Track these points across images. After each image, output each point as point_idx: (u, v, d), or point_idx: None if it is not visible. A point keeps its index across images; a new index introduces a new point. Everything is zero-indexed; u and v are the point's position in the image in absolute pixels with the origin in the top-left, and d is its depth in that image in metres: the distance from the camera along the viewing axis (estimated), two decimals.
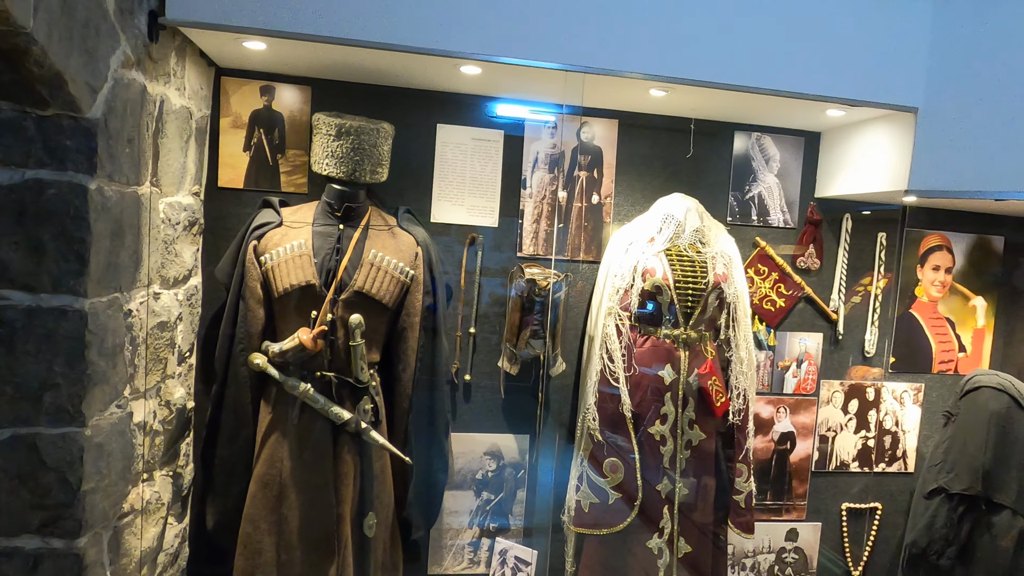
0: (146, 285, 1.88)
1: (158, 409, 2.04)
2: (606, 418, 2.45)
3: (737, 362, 2.54)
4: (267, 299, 2.22)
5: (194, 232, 2.29)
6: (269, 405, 2.21)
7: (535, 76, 2.19)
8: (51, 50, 1.31)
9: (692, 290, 2.43)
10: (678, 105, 2.54)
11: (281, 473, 2.16)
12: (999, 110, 2.15)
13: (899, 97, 2.26)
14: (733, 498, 2.55)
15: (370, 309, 2.19)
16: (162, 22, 1.81)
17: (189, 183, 2.21)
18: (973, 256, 3.00)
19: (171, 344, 2.10)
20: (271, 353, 2.16)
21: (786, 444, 2.91)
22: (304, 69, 2.36)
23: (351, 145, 2.16)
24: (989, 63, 2.16)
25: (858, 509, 3.01)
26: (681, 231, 2.48)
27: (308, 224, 2.24)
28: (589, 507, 2.45)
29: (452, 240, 2.59)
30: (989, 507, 2.59)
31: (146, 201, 1.84)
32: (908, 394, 3.01)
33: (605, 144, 2.67)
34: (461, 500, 2.65)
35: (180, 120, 2.07)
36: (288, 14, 1.90)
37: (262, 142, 2.44)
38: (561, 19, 2.04)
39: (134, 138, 1.73)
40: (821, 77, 2.21)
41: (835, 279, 2.89)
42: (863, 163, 2.56)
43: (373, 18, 1.95)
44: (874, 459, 3.00)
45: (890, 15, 2.23)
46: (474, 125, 2.57)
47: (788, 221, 2.84)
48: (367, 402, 2.22)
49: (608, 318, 2.46)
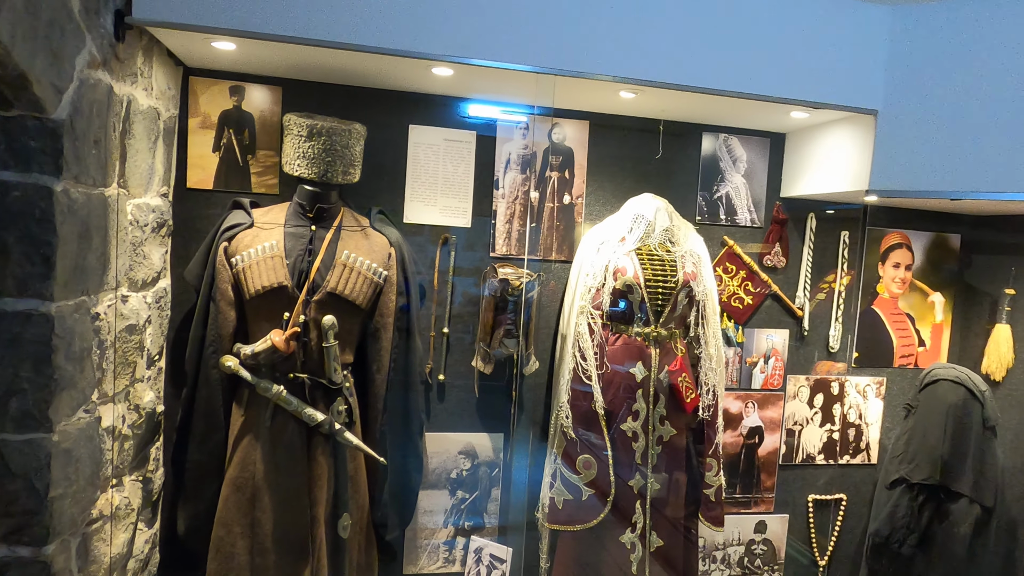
0: (114, 288, 1.85)
1: (127, 413, 2.02)
2: (579, 416, 2.48)
3: (706, 359, 2.59)
4: (238, 301, 2.20)
5: (163, 234, 2.27)
6: (241, 408, 2.20)
7: (506, 78, 2.21)
8: (15, 50, 1.29)
9: (662, 289, 2.47)
10: (647, 107, 2.59)
11: (254, 476, 2.15)
12: (954, 114, 2.23)
13: (859, 100, 2.33)
14: (703, 492, 2.60)
15: (343, 310, 2.19)
16: (129, 22, 1.79)
17: (157, 184, 2.18)
18: (931, 254, 3.10)
19: (140, 347, 2.08)
20: (243, 355, 2.15)
21: (754, 438, 2.97)
22: (274, 69, 2.35)
23: (323, 146, 2.16)
24: (944, 69, 2.24)
25: (824, 500, 3.09)
26: (651, 231, 2.52)
27: (280, 225, 2.23)
28: (563, 504, 2.48)
29: (425, 240, 2.60)
30: (947, 496, 2.69)
31: (113, 203, 1.81)
32: (871, 388, 3.09)
33: (576, 145, 2.70)
34: (436, 499, 2.66)
35: (148, 120, 2.04)
36: (257, 14, 1.89)
37: (232, 143, 2.42)
38: (532, 22, 2.06)
39: (101, 139, 1.70)
40: (785, 80, 2.27)
41: (800, 277, 2.97)
42: (826, 164, 2.63)
43: (344, 19, 1.94)
44: (839, 451, 3.08)
45: (850, 22, 2.29)
46: (446, 126, 2.58)
47: (755, 220, 2.90)
48: (341, 403, 2.22)
49: (580, 317, 2.49)
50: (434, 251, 2.60)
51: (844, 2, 2.28)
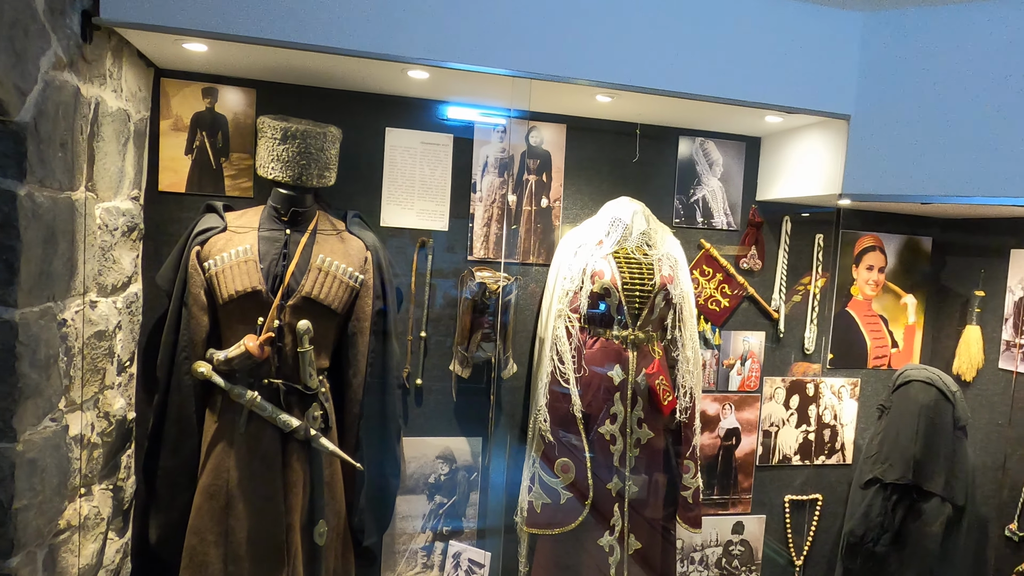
0: (82, 293, 1.81)
1: (96, 421, 1.98)
2: (557, 419, 2.48)
3: (684, 361, 2.61)
4: (211, 306, 2.17)
5: (133, 238, 2.23)
6: (215, 414, 2.17)
7: (483, 81, 2.21)
8: None
9: (640, 292, 2.48)
10: (624, 111, 2.59)
11: (228, 483, 2.11)
12: (924, 119, 2.27)
13: (832, 105, 2.36)
14: (681, 494, 2.61)
15: (319, 315, 2.17)
16: (96, 22, 1.75)
17: (128, 187, 2.15)
18: (904, 256, 3.15)
19: (110, 353, 2.04)
20: (216, 361, 2.11)
21: (731, 440, 2.99)
22: (248, 71, 2.32)
23: (297, 149, 2.14)
24: (915, 75, 2.28)
25: (800, 501, 3.12)
26: (629, 234, 2.53)
27: (254, 229, 2.20)
28: (541, 507, 2.47)
29: (402, 244, 2.58)
30: (920, 495, 2.73)
31: (81, 207, 1.78)
32: (845, 388, 3.13)
33: (553, 148, 2.70)
34: (414, 504, 2.65)
35: (117, 123, 2.01)
36: (230, 16, 1.86)
37: (205, 145, 2.38)
38: (508, 25, 2.06)
39: (67, 142, 1.67)
40: (759, 85, 2.29)
41: (776, 279, 2.99)
42: (800, 167, 2.66)
43: (318, 22, 1.93)
44: (814, 452, 3.11)
45: (823, 28, 2.32)
46: (423, 129, 2.57)
47: (731, 223, 2.92)
48: (316, 408, 2.20)
49: (558, 320, 2.50)
50: (411, 254, 2.59)
51: (817, 9, 2.31)
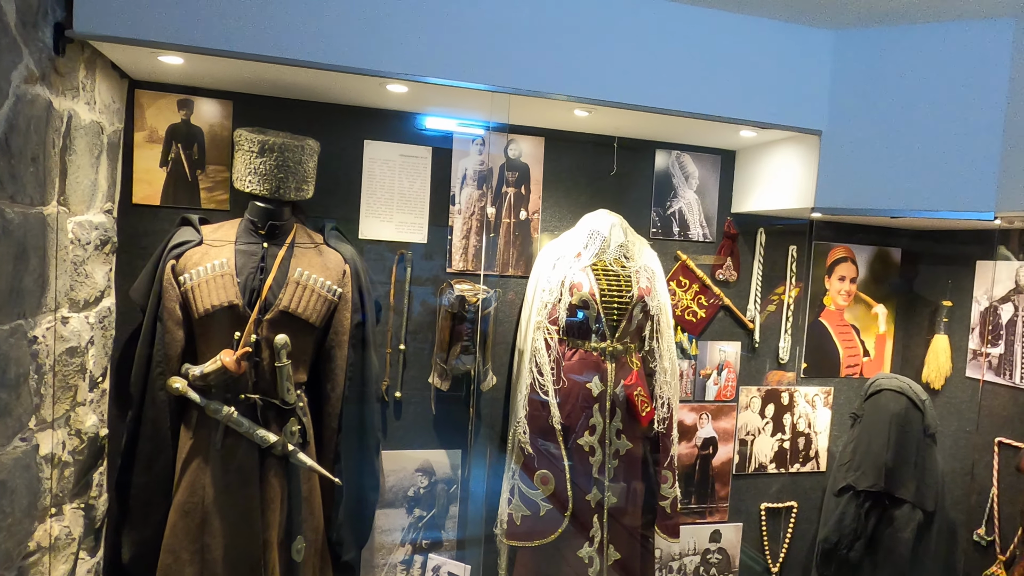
0: (53, 310, 1.78)
1: (67, 439, 1.94)
2: (536, 430, 2.48)
3: (661, 372, 2.63)
4: (187, 320, 2.15)
5: (107, 251, 2.19)
6: (190, 430, 2.14)
7: (462, 94, 2.22)
8: None
9: (618, 303, 2.50)
10: (602, 124, 2.62)
11: (203, 500, 2.08)
12: (893, 135, 2.33)
13: (804, 120, 2.41)
14: (659, 504, 2.63)
15: (296, 329, 2.15)
16: (69, 35, 1.73)
17: (101, 200, 2.11)
18: (874, 267, 3.22)
19: (82, 370, 2.00)
20: (191, 376, 2.09)
21: (709, 449, 3.03)
22: (225, 83, 2.30)
23: (275, 162, 2.12)
24: (883, 93, 2.34)
25: (776, 508, 3.16)
26: (607, 246, 2.55)
27: (230, 242, 2.18)
28: (521, 519, 2.48)
29: (381, 257, 2.57)
30: (892, 502, 2.78)
31: (52, 221, 1.75)
32: (819, 397, 3.19)
33: (532, 161, 2.72)
34: (393, 518, 2.63)
35: (90, 135, 1.98)
36: (206, 30, 1.85)
37: (180, 157, 2.36)
38: (487, 41, 2.08)
39: (39, 156, 1.64)
40: (734, 101, 2.33)
41: (751, 290, 3.04)
42: (774, 181, 2.71)
43: (296, 36, 1.92)
44: (789, 460, 3.16)
45: (795, 46, 2.37)
46: (402, 141, 2.57)
47: (707, 235, 2.96)
48: (294, 423, 2.18)
49: (537, 332, 2.51)
50: (390, 267, 2.58)
51: (789, 27, 2.36)
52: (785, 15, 2.30)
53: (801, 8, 2.23)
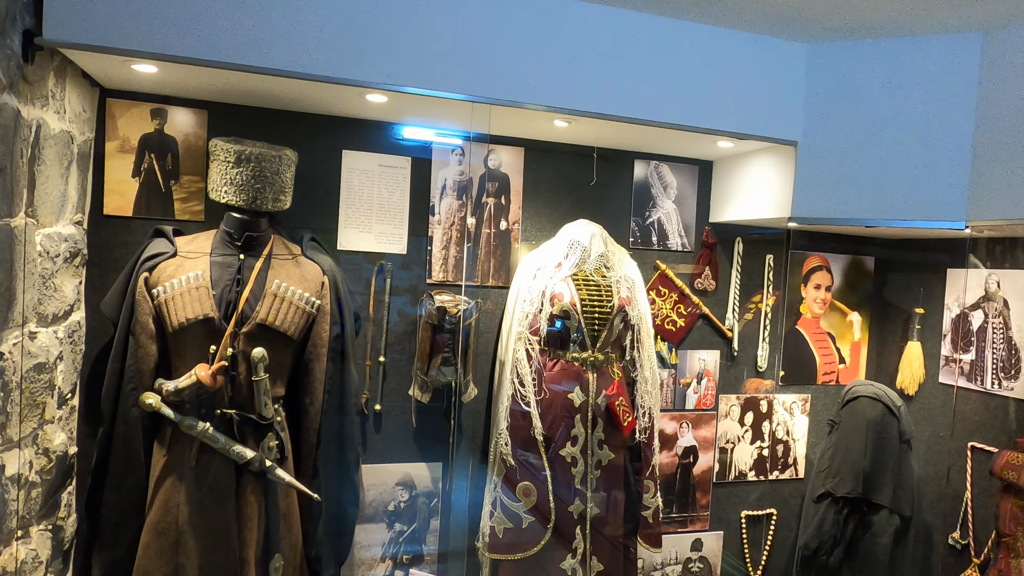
0: (20, 325, 1.72)
1: (35, 458, 1.87)
2: (518, 442, 2.47)
3: (642, 382, 2.64)
4: (160, 334, 2.09)
5: (76, 264, 2.13)
6: (163, 447, 2.08)
7: (442, 104, 2.20)
8: None
9: (598, 313, 2.50)
10: (581, 135, 2.63)
11: (177, 519, 2.03)
12: (868, 146, 2.37)
13: (780, 131, 2.44)
14: (642, 514, 2.63)
15: (274, 342, 2.11)
16: (39, 42, 1.69)
17: (70, 212, 2.06)
18: (849, 275, 3.27)
19: (50, 386, 1.94)
20: (165, 392, 2.03)
21: (689, 458, 3.04)
22: (199, 92, 2.26)
23: (251, 172, 2.09)
24: (856, 105, 2.38)
25: (756, 516, 3.18)
26: (587, 256, 2.55)
27: (205, 254, 2.13)
28: (503, 532, 2.45)
29: (360, 268, 2.54)
30: (869, 507, 2.81)
31: (20, 234, 1.69)
32: (797, 404, 3.22)
33: (512, 171, 2.72)
34: (373, 533, 2.59)
35: (60, 145, 1.93)
36: (181, 38, 1.82)
37: (153, 167, 2.31)
38: (467, 51, 2.07)
39: (6, 167, 1.59)
40: (710, 112, 2.35)
41: (729, 298, 3.07)
42: (752, 191, 2.74)
43: (274, 45, 1.90)
44: (769, 467, 3.18)
45: (770, 58, 2.41)
46: (381, 151, 2.55)
47: (686, 244, 2.99)
48: (272, 439, 2.14)
49: (518, 343, 2.49)
50: (369, 278, 2.56)
51: (764, 39, 2.39)
52: (760, 28, 2.33)
53: (775, 22, 2.27)
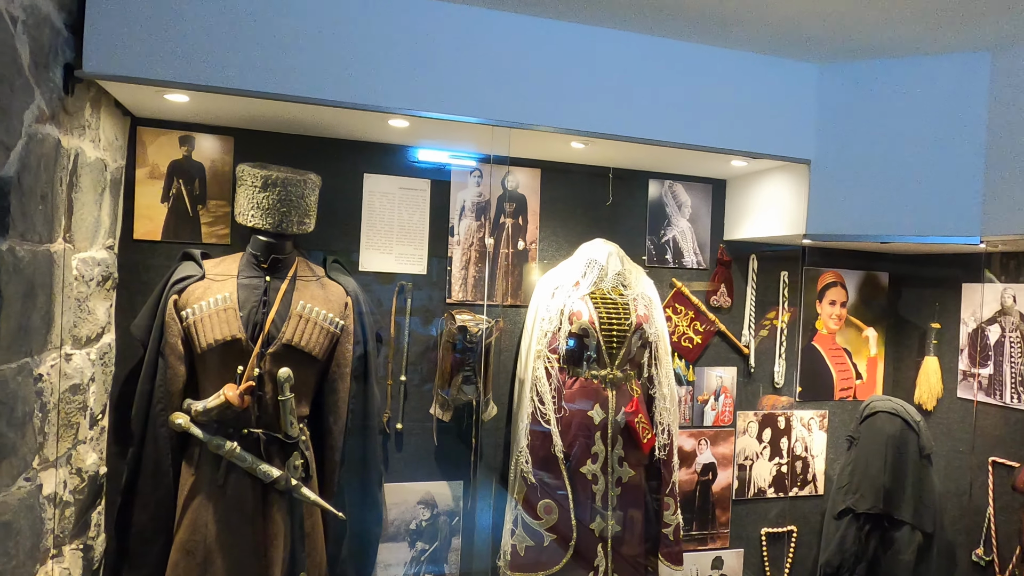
0: (58, 347, 1.77)
1: (69, 478, 1.91)
2: (538, 460, 2.48)
3: (660, 399, 2.65)
4: (188, 355, 2.14)
5: (107, 287, 2.19)
6: (191, 467, 2.11)
7: (462, 128, 2.26)
8: None
9: (617, 331, 2.53)
10: (597, 155, 2.68)
11: (206, 539, 2.06)
12: (881, 164, 2.40)
13: (793, 150, 2.48)
14: (662, 531, 2.63)
15: (299, 362, 2.15)
16: (79, 75, 1.76)
17: (103, 237, 2.12)
18: (863, 291, 3.29)
19: (83, 407, 1.98)
20: (194, 412, 2.07)
21: (708, 475, 3.04)
22: (226, 119, 2.33)
23: (278, 196, 2.14)
24: (869, 123, 2.42)
25: (776, 533, 3.17)
26: (604, 275, 2.59)
27: (232, 276, 2.19)
28: (525, 550, 2.46)
29: (381, 288, 2.59)
30: (891, 524, 2.80)
31: (59, 259, 1.75)
32: (814, 420, 3.22)
33: (529, 192, 2.77)
34: (395, 552, 2.60)
35: (94, 172, 1.99)
36: (213, 68, 1.88)
37: (181, 192, 2.37)
38: (488, 77, 2.13)
39: (47, 194, 1.65)
40: (725, 132, 2.40)
41: (745, 315, 3.09)
42: (766, 209, 2.78)
43: (301, 73, 1.96)
44: (788, 484, 3.18)
45: (782, 78, 2.45)
46: (401, 174, 2.60)
47: (701, 262, 3.02)
48: (297, 458, 2.17)
49: (537, 361, 2.52)
50: (390, 299, 2.60)
51: (776, 61, 2.44)
52: (772, 50, 2.39)
53: (786, 44, 2.32)
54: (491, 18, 2.14)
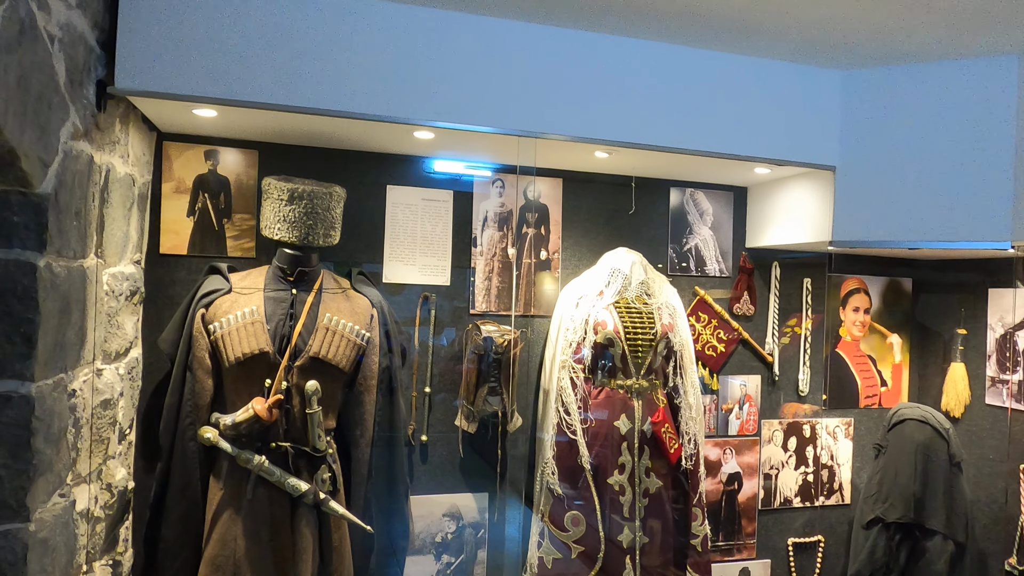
0: (90, 362, 1.78)
1: (100, 493, 1.91)
2: (565, 471, 2.46)
3: (686, 408, 2.63)
4: (216, 369, 2.14)
5: (135, 302, 2.19)
6: (220, 481, 2.11)
7: (486, 139, 2.26)
8: (6, 127, 1.26)
9: (642, 341, 2.51)
10: (619, 165, 2.67)
11: (235, 553, 2.05)
12: (908, 169, 2.38)
13: (818, 157, 2.47)
14: (690, 542, 2.60)
15: (326, 374, 2.15)
16: (111, 91, 1.77)
17: (131, 251, 2.13)
18: (887, 297, 3.26)
19: (113, 422, 1.98)
20: (223, 426, 2.07)
21: (734, 485, 3.01)
22: (251, 133, 2.34)
23: (304, 209, 2.15)
24: (893, 128, 2.40)
25: (803, 543, 3.13)
26: (628, 284, 2.58)
27: (259, 290, 2.19)
28: (552, 563, 2.44)
29: (405, 299, 2.59)
30: (922, 533, 2.76)
31: (92, 274, 1.76)
32: (840, 428, 3.18)
33: (551, 202, 2.76)
34: (421, 565, 2.58)
35: (124, 188, 2.00)
36: (241, 83, 1.89)
37: (207, 207, 2.38)
38: (514, 88, 2.14)
39: (81, 210, 1.66)
40: (749, 140, 2.39)
41: (768, 323, 3.06)
42: (789, 216, 2.76)
43: (328, 86, 1.97)
44: (814, 493, 3.14)
45: (806, 85, 2.44)
46: (423, 186, 2.61)
47: (723, 270, 3.00)
48: (325, 471, 2.16)
49: (562, 371, 2.51)
50: (414, 310, 2.59)
51: (799, 68, 2.43)
52: (795, 58, 2.38)
53: (809, 51, 2.31)
54: (517, 29, 2.14)
